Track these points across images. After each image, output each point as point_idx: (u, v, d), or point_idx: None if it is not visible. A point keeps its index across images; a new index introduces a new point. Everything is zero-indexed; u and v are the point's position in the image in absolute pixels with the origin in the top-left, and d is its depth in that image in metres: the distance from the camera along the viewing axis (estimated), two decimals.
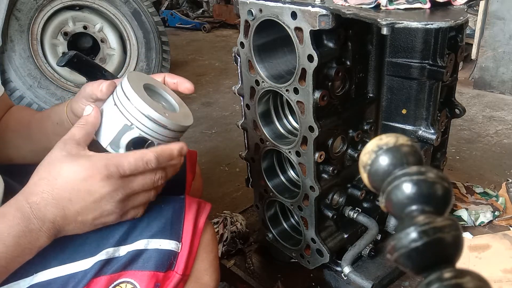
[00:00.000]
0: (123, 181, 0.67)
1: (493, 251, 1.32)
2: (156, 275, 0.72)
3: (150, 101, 0.72)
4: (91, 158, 0.66)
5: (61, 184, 0.65)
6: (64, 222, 0.66)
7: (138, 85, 0.73)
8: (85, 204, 0.66)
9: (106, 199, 0.67)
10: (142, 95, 0.72)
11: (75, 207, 0.66)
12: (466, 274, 0.28)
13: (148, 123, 0.71)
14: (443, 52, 1.02)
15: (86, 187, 0.65)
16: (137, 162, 0.67)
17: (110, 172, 0.65)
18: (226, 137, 2.66)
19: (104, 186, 0.66)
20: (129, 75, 0.74)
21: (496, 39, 3.00)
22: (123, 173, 0.66)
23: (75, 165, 0.66)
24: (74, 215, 0.66)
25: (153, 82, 0.79)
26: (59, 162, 0.66)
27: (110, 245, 0.72)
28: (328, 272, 1.28)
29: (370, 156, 0.36)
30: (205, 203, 0.84)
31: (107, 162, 0.66)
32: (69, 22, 2.86)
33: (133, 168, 0.67)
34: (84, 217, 0.67)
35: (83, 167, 0.65)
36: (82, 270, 0.70)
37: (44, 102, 2.65)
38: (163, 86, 0.82)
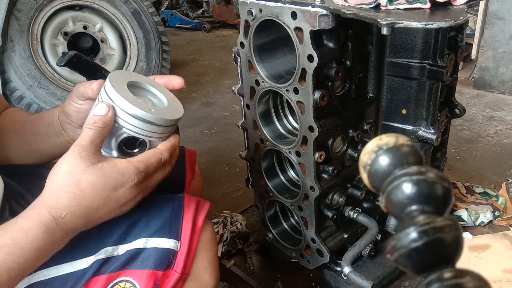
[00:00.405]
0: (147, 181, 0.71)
1: (493, 251, 1.32)
2: (155, 274, 0.72)
3: (134, 99, 0.71)
4: (118, 167, 0.67)
5: (89, 197, 0.65)
6: (84, 227, 0.68)
7: (121, 84, 0.72)
8: (110, 210, 0.68)
9: (131, 201, 0.70)
10: (125, 94, 0.71)
11: (100, 214, 0.68)
12: (466, 274, 0.28)
13: (135, 121, 0.70)
14: (443, 52, 1.02)
15: (115, 196, 0.67)
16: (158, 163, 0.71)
17: (140, 179, 0.68)
18: (226, 137, 2.66)
19: (132, 192, 0.69)
20: (111, 75, 0.73)
21: (496, 39, 3.00)
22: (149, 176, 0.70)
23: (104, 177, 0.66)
24: (96, 220, 0.69)
25: (139, 79, 0.78)
26: (85, 175, 0.65)
27: (109, 244, 0.72)
28: (328, 272, 1.28)
29: (370, 156, 0.36)
30: (204, 202, 0.84)
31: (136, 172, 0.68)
32: (69, 22, 2.86)
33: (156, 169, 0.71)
34: (105, 218, 0.70)
35: (113, 178, 0.67)
36: (81, 269, 0.70)
37: (44, 102, 2.65)
38: (150, 81, 0.81)
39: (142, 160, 0.69)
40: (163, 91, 0.80)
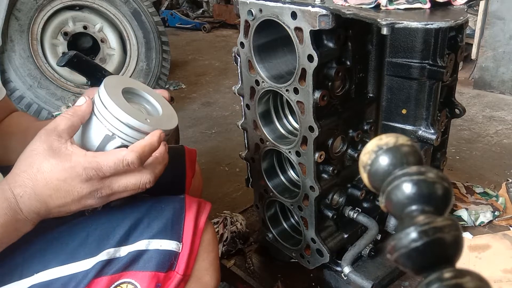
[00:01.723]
0: (103, 182, 0.66)
1: (493, 251, 1.32)
2: (157, 276, 0.73)
3: (129, 108, 0.69)
4: (72, 158, 0.64)
5: (41, 181, 0.64)
6: (47, 212, 0.67)
7: (116, 92, 0.70)
8: (65, 201, 0.66)
9: (86, 197, 0.66)
10: (120, 102, 0.69)
11: (56, 203, 0.66)
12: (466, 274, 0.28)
13: (129, 131, 0.68)
14: (443, 52, 1.02)
15: (65, 187, 0.64)
16: (117, 165, 0.65)
17: (89, 176, 0.64)
18: (226, 137, 2.66)
19: (83, 188, 0.65)
20: (106, 81, 0.70)
21: (496, 39, 3.00)
22: (102, 176, 0.65)
23: (55, 164, 0.64)
24: (57, 209, 0.66)
25: (134, 85, 0.76)
26: (39, 157, 0.64)
27: (110, 246, 0.72)
28: (328, 272, 1.28)
29: (370, 156, 0.36)
30: (205, 203, 0.84)
31: (86, 166, 0.64)
32: (69, 22, 2.86)
33: (112, 170, 0.65)
34: (66, 209, 0.67)
35: (63, 168, 0.64)
36: (83, 270, 0.70)
37: (44, 102, 2.65)
38: (145, 87, 0.79)
39: (97, 157, 0.65)
40: (158, 98, 0.78)
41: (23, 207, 0.64)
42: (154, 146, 0.68)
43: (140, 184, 0.68)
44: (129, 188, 0.68)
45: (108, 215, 0.77)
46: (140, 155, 0.65)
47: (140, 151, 0.66)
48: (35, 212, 0.65)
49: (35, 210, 0.65)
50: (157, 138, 0.68)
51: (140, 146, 0.66)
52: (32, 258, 0.70)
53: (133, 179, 0.67)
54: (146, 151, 0.67)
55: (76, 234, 0.73)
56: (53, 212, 0.67)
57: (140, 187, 0.68)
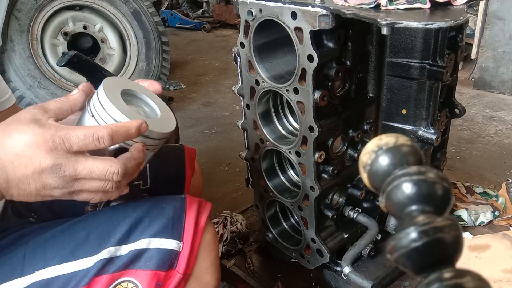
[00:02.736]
0: (67, 157, 0.61)
1: (493, 251, 1.32)
2: (157, 275, 0.73)
3: (128, 110, 0.68)
4: (45, 126, 0.61)
5: (8, 144, 0.60)
6: (7, 185, 0.62)
7: (114, 93, 0.69)
8: (25, 173, 0.60)
9: (47, 172, 0.61)
10: (119, 104, 0.67)
11: (17, 174, 0.61)
12: (466, 274, 0.28)
13: None
14: (443, 52, 1.02)
15: (29, 153, 0.60)
16: (87, 138, 0.61)
17: (56, 144, 0.60)
18: (226, 137, 2.66)
19: (46, 159, 0.60)
20: (105, 82, 0.69)
21: (496, 39, 3.00)
22: (69, 148, 0.60)
23: (27, 129, 0.60)
24: (16, 182, 0.61)
25: (133, 87, 0.76)
26: (16, 123, 0.62)
27: (111, 244, 0.72)
28: (328, 272, 1.28)
29: (370, 156, 0.36)
30: (206, 203, 0.84)
31: (54, 134, 0.60)
32: (69, 22, 2.86)
33: (80, 143, 0.61)
34: (26, 186, 0.62)
35: (32, 132, 0.60)
36: (83, 268, 0.70)
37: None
38: (144, 89, 0.78)
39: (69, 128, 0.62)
40: (156, 101, 0.77)
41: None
42: (130, 131, 0.64)
43: (106, 172, 0.62)
44: (94, 174, 0.62)
45: (109, 214, 0.77)
46: (112, 132, 0.62)
47: (114, 128, 0.62)
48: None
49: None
50: (136, 124, 0.64)
51: (115, 125, 0.64)
52: (33, 255, 0.70)
53: (100, 164, 0.62)
54: (120, 132, 0.63)
55: (77, 232, 0.73)
56: (12, 185, 0.61)
57: (106, 176, 0.63)
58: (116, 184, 0.65)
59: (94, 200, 0.67)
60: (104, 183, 0.64)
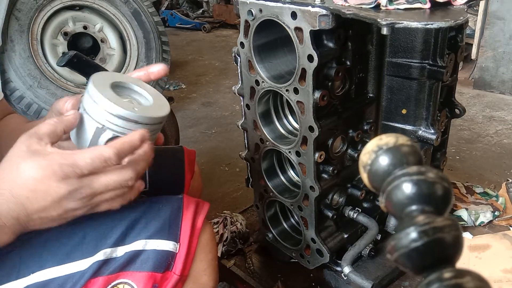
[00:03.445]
0: (81, 181, 0.62)
1: (493, 251, 1.32)
2: (154, 276, 0.72)
3: (117, 99, 0.69)
4: (48, 157, 0.62)
5: (19, 183, 0.61)
6: (28, 219, 0.63)
7: (103, 85, 0.70)
8: (45, 204, 0.62)
9: (66, 199, 0.62)
10: (108, 94, 0.69)
11: (35, 206, 0.62)
12: (466, 274, 0.28)
13: (118, 121, 0.68)
14: (443, 52, 1.02)
15: (42, 188, 0.61)
16: (94, 161, 0.62)
17: (66, 173, 0.61)
18: (226, 137, 2.66)
19: (61, 188, 0.61)
20: (94, 77, 0.70)
21: (496, 39, 3.00)
22: (80, 173, 0.62)
23: (32, 164, 0.61)
24: (37, 214, 0.62)
25: (123, 79, 0.77)
26: (18, 159, 0.63)
27: (107, 246, 0.72)
28: (328, 272, 1.28)
29: (370, 156, 0.36)
30: (203, 203, 0.84)
31: (61, 162, 0.61)
32: (69, 22, 2.86)
33: (90, 167, 0.62)
34: (47, 215, 0.63)
35: (39, 167, 0.61)
36: (79, 270, 0.70)
37: (44, 102, 2.65)
38: (135, 80, 0.79)
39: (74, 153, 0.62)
40: (148, 90, 0.78)
41: (1, 212, 0.61)
42: (134, 143, 0.66)
43: (121, 181, 0.65)
44: (111, 186, 0.64)
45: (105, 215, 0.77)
46: (118, 151, 0.63)
47: (118, 147, 0.64)
48: (13, 217, 0.61)
49: (13, 215, 0.61)
50: (139, 135, 0.66)
51: (119, 142, 0.65)
52: (29, 258, 0.70)
53: (114, 176, 0.64)
54: (125, 148, 0.64)
55: (73, 234, 0.73)
56: (33, 218, 0.63)
57: (122, 185, 0.65)
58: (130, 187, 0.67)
59: (115, 207, 0.69)
60: (121, 190, 0.67)
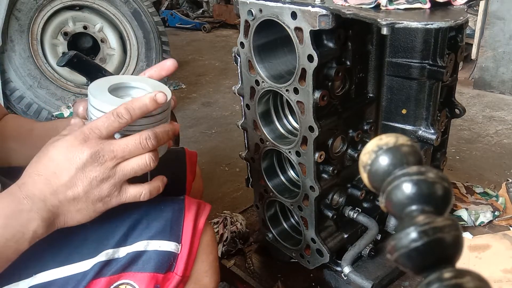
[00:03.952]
0: (102, 143, 0.65)
1: (493, 251, 1.32)
2: (155, 277, 0.72)
3: (116, 101, 0.71)
4: (71, 133, 0.66)
5: (44, 160, 0.65)
6: (55, 199, 0.64)
7: (102, 92, 0.73)
8: (69, 174, 0.63)
9: (89, 163, 0.64)
10: (107, 99, 0.71)
11: (61, 180, 0.63)
12: (466, 274, 0.28)
13: None
14: (443, 52, 1.02)
15: (66, 155, 0.64)
16: (108, 117, 0.65)
17: (85, 134, 0.64)
18: (226, 137, 2.66)
19: (83, 151, 0.64)
20: (91, 86, 0.73)
21: (496, 39, 3.00)
22: (99, 133, 0.65)
23: (58, 143, 0.66)
24: (63, 189, 0.64)
25: (121, 80, 0.79)
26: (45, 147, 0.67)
27: (109, 247, 0.72)
28: (328, 272, 1.28)
29: (370, 156, 0.36)
30: (205, 204, 0.84)
31: (81, 129, 0.66)
32: (69, 22, 2.86)
33: (106, 124, 0.65)
34: (74, 190, 0.64)
35: (63, 141, 0.65)
36: (81, 271, 0.70)
37: (44, 102, 2.65)
38: (133, 78, 0.80)
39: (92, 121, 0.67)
40: (148, 82, 0.80)
41: (27, 193, 0.62)
42: (144, 102, 0.67)
43: (140, 140, 0.66)
44: (130, 146, 0.66)
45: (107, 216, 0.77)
46: (127, 106, 0.66)
47: (128, 103, 0.67)
48: (40, 198, 0.63)
49: (40, 195, 0.63)
50: (150, 96, 0.68)
51: (130, 101, 0.68)
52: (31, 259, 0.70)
53: (132, 137, 0.67)
54: (136, 105, 0.67)
55: (75, 235, 0.73)
56: (60, 197, 0.64)
57: (141, 145, 0.66)
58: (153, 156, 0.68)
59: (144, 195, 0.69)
60: (142, 158, 0.67)
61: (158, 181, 0.72)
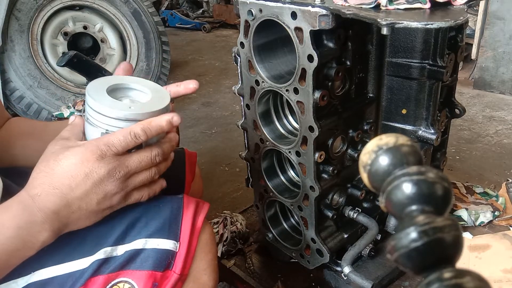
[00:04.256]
0: (118, 159, 0.68)
1: (493, 251, 1.32)
2: (154, 275, 0.72)
3: (113, 102, 0.72)
4: (83, 145, 0.68)
5: (59, 173, 0.65)
6: (68, 211, 0.66)
7: (99, 92, 0.73)
8: (85, 188, 0.66)
9: (106, 179, 0.67)
10: (104, 99, 0.72)
11: (76, 193, 0.66)
12: (466, 274, 0.28)
13: (120, 123, 0.71)
14: (443, 52, 1.02)
15: (83, 170, 0.66)
16: (126, 137, 0.68)
17: (103, 151, 0.66)
18: (226, 137, 2.66)
19: (101, 167, 0.66)
20: (89, 86, 0.74)
21: (496, 39, 3.00)
22: (116, 151, 0.67)
23: (70, 153, 0.67)
24: (77, 202, 0.66)
25: (119, 80, 0.79)
26: (54, 155, 0.67)
27: (107, 244, 0.72)
28: (328, 272, 1.28)
29: (370, 156, 0.36)
30: (203, 203, 0.84)
31: (97, 143, 0.67)
32: (69, 22, 2.86)
33: (123, 143, 0.68)
34: (88, 202, 0.67)
35: (77, 152, 0.66)
36: (79, 269, 0.70)
37: (44, 102, 2.65)
38: (133, 79, 0.81)
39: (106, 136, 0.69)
40: (147, 85, 0.80)
41: (40, 205, 0.64)
42: (160, 124, 0.71)
43: (151, 156, 0.71)
44: (143, 163, 0.70)
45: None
46: (144, 127, 0.69)
47: (145, 124, 0.70)
48: (53, 211, 0.64)
49: (53, 208, 0.64)
50: (168, 118, 0.72)
51: (146, 121, 0.71)
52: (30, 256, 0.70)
53: (144, 153, 0.71)
54: (152, 126, 0.70)
55: (73, 233, 0.73)
56: (74, 209, 0.66)
57: (152, 160, 0.71)
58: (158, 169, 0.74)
59: (144, 198, 0.74)
60: (150, 172, 0.73)
61: (158, 185, 0.77)
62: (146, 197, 0.75)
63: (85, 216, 0.69)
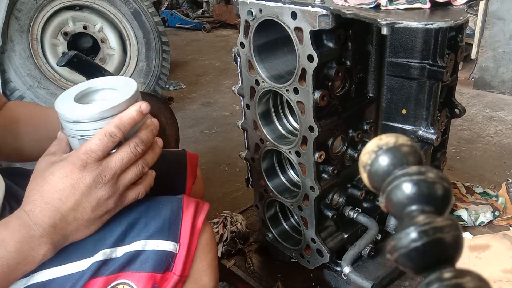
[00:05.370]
0: (100, 164, 0.68)
1: (493, 251, 1.32)
2: (153, 277, 0.72)
3: (80, 107, 0.73)
4: (66, 158, 0.68)
5: (48, 189, 0.66)
6: (64, 223, 0.66)
7: (66, 102, 0.74)
8: (75, 199, 0.66)
9: (93, 186, 0.67)
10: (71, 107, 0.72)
11: (68, 205, 0.66)
12: (466, 274, 0.28)
13: (91, 125, 0.71)
14: (443, 52, 1.02)
15: (69, 182, 0.66)
16: (102, 139, 0.67)
17: (83, 160, 0.66)
18: (226, 137, 2.66)
19: (85, 176, 0.66)
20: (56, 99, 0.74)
21: (496, 39, 3.00)
22: (96, 156, 0.67)
23: (54, 169, 0.67)
24: (71, 213, 0.67)
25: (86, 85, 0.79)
26: (41, 173, 0.68)
27: (107, 246, 0.72)
28: (328, 272, 1.28)
29: (370, 156, 0.36)
30: (203, 203, 0.83)
31: (77, 153, 0.67)
32: (69, 22, 2.86)
33: (101, 146, 0.67)
34: (82, 212, 0.67)
35: (61, 166, 0.67)
36: (79, 271, 0.70)
37: (44, 102, 2.65)
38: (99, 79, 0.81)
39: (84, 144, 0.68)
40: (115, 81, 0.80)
41: (36, 221, 0.65)
42: (131, 116, 0.70)
43: (131, 150, 0.70)
44: (125, 159, 0.69)
45: None
46: (117, 124, 0.68)
47: (117, 121, 0.68)
48: (50, 225, 0.65)
49: (49, 222, 0.65)
50: (136, 108, 0.70)
51: (117, 117, 0.69)
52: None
53: (122, 149, 0.70)
54: (124, 121, 0.69)
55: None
56: (69, 220, 0.67)
57: (133, 152, 0.70)
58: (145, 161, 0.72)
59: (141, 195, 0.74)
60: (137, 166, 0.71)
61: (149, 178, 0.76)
62: (143, 194, 0.74)
63: (83, 226, 0.69)
